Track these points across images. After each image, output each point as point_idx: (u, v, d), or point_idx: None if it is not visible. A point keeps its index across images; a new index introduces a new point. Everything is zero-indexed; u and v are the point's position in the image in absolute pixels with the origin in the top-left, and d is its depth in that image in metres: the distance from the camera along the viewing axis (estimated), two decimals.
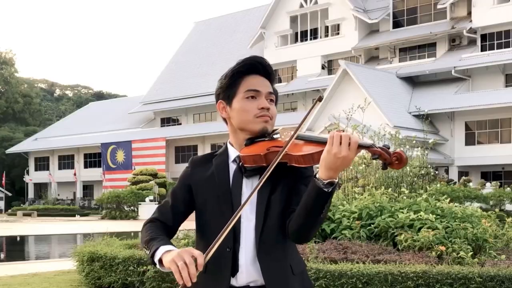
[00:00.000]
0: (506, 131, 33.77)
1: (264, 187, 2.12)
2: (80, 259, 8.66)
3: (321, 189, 1.95)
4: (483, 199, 26.35)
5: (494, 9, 36.72)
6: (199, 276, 2.21)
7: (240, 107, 2.19)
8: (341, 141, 1.93)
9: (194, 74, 52.30)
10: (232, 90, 2.22)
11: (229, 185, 2.18)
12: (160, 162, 47.06)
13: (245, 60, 2.24)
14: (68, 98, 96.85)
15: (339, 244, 7.18)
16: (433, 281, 5.78)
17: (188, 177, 2.27)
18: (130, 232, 17.36)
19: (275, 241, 2.14)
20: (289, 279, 2.16)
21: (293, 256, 2.21)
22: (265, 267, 2.13)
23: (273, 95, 2.25)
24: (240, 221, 2.14)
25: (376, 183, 9.77)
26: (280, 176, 2.14)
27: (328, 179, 1.95)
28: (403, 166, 1.95)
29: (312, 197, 1.98)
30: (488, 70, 36.11)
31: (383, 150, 1.95)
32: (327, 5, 43.60)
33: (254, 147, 2.16)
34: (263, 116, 2.18)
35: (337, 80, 34.30)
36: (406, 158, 1.94)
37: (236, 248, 2.14)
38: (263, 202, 2.14)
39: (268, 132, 2.19)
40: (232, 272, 2.14)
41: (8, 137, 64.67)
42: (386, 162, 1.95)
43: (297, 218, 2.05)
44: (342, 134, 1.94)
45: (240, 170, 2.18)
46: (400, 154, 1.94)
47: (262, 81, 2.23)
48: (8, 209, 51.77)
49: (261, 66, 2.24)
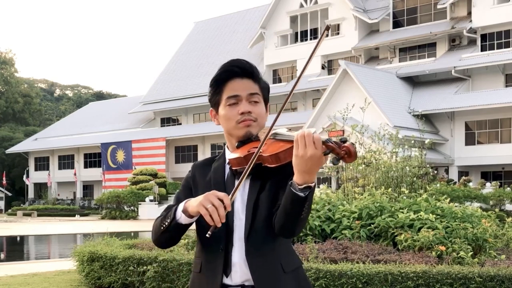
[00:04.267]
0: (506, 131, 33.77)
1: (253, 187, 2.17)
2: (80, 259, 8.67)
3: (295, 194, 1.96)
4: (483, 199, 26.34)
5: (494, 9, 36.71)
6: (196, 276, 2.25)
7: (223, 115, 2.24)
8: (305, 142, 1.93)
9: (194, 74, 52.29)
10: (216, 98, 2.28)
11: (223, 187, 2.21)
12: (160, 162, 47.07)
13: (222, 67, 2.26)
14: (68, 98, 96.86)
15: (339, 244, 7.18)
16: (433, 281, 5.78)
17: (189, 181, 2.33)
18: (130, 232, 17.38)
19: (264, 239, 2.16)
20: (280, 277, 2.16)
21: (284, 254, 2.21)
22: (253, 265, 2.14)
23: (256, 95, 2.25)
24: (233, 221, 2.17)
25: (376, 183, 9.77)
26: (269, 175, 2.17)
27: (303, 183, 1.95)
28: (354, 160, 1.91)
29: (288, 201, 1.99)
30: (488, 70, 36.10)
31: (336, 144, 1.92)
32: (327, 5, 43.59)
33: (239, 150, 2.19)
34: (244, 121, 2.21)
35: (337, 80, 34.29)
36: (354, 151, 1.90)
37: (229, 248, 2.16)
38: (251, 201, 2.17)
39: (253, 135, 2.21)
40: (225, 271, 2.16)
41: (8, 137, 64.66)
42: (338, 157, 1.92)
43: (279, 217, 2.07)
44: (305, 134, 1.93)
45: (232, 173, 2.23)
46: (348, 148, 1.89)
47: (242, 84, 2.24)
48: (8, 209, 51.78)
49: (239, 69, 2.24)
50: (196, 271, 2.26)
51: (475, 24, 37.42)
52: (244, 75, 2.25)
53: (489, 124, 34.41)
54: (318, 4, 44.11)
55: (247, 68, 2.25)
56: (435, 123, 35.33)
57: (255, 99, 2.24)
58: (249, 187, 2.18)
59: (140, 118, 55.39)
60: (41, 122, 76.27)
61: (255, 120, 2.22)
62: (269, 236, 2.16)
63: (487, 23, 36.96)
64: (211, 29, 55.86)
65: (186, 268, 7.00)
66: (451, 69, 36.17)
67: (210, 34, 55.41)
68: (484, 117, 34.20)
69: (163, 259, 7.26)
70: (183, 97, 51.19)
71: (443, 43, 39.48)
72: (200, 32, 56.92)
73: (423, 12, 41.02)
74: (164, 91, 53.71)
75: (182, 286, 6.98)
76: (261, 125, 2.24)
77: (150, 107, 53.65)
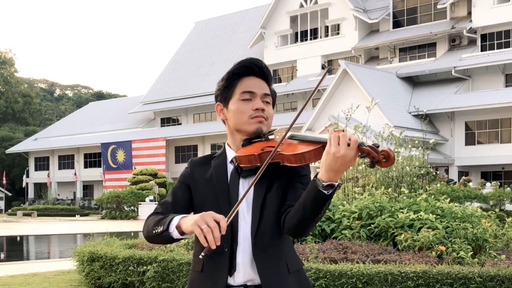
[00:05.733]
0: (506, 131, 33.76)
1: (260, 186, 2.16)
2: (80, 259, 8.66)
3: (319, 191, 1.95)
4: (483, 199, 26.35)
5: (494, 9, 36.71)
6: (196, 275, 2.23)
7: (235, 109, 2.23)
8: (339, 141, 1.93)
9: (194, 74, 52.29)
10: (228, 92, 2.26)
11: (227, 185, 2.21)
12: (160, 162, 47.08)
13: (241, 62, 2.27)
14: (68, 98, 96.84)
15: (339, 244, 7.18)
16: (433, 281, 5.78)
17: (187, 177, 2.30)
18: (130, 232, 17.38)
19: (271, 239, 2.16)
20: (285, 277, 2.17)
21: (289, 254, 2.22)
22: (261, 265, 2.14)
23: (269, 96, 2.28)
24: (238, 221, 2.17)
25: (376, 183, 9.77)
26: (276, 175, 2.17)
27: (328, 181, 1.95)
28: (391, 165, 1.94)
29: (310, 198, 1.98)
30: (488, 70, 36.10)
31: (371, 148, 1.95)
32: (327, 5, 43.59)
33: (249, 148, 2.19)
34: (258, 117, 2.21)
35: (337, 80, 34.28)
36: (393, 156, 1.93)
37: (234, 248, 2.16)
38: (258, 201, 2.17)
39: (263, 133, 2.22)
40: (229, 271, 2.16)
41: (8, 137, 64.65)
42: (374, 160, 1.94)
43: (294, 215, 2.06)
44: (341, 134, 1.95)
45: (236, 171, 2.21)
46: (388, 152, 1.93)
47: (258, 83, 2.26)
48: (8, 209, 51.77)
49: (257, 68, 2.26)
50: (197, 270, 2.23)
51: (475, 24, 37.42)
52: (260, 75, 2.27)
53: (489, 124, 34.41)
54: (318, 4, 44.10)
55: (264, 69, 2.28)
56: (435, 123, 35.33)
57: (267, 100, 2.27)
58: (255, 186, 2.16)
59: (140, 118, 55.39)
60: (41, 122, 76.26)
61: (267, 119, 2.24)
62: (276, 237, 2.17)
63: (487, 23, 36.96)
64: (211, 29, 55.86)
65: (186, 268, 7.00)
66: (451, 69, 36.17)
67: (210, 34, 55.41)
68: (484, 117, 34.20)
69: (163, 259, 7.26)
70: (183, 97, 51.19)
71: (443, 43, 39.48)
72: (200, 32, 56.93)
73: (423, 12, 41.02)
74: (164, 91, 53.72)
75: (182, 286, 6.98)
76: (269, 126, 2.26)
77: (150, 107, 53.65)
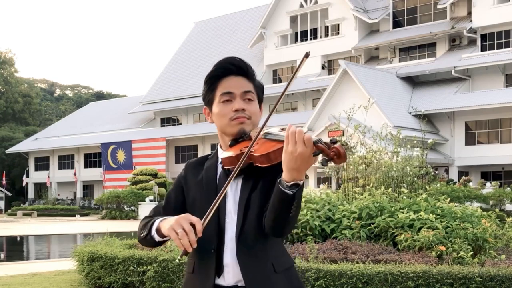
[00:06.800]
0: (506, 131, 33.77)
1: (245, 186, 2.17)
2: (80, 259, 8.67)
3: (283, 192, 1.95)
4: (483, 199, 26.37)
5: (494, 9, 36.71)
6: (189, 277, 2.26)
7: (217, 112, 2.24)
8: (296, 139, 1.91)
9: (194, 74, 52.28)
10: (210, 96, 2.28)
11: (216, 186, 2.21)
12: (160, 162, 47.08)
13: (218, 64, 2.27)
14: (68, 98, 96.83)
15: (339, 244, 7.18)
16: (433, 281, 5.78)
17: (181, 179, 2.33)
18: (130, 232, 17.37)
19: (254, 239, 2.15)
20: (271, 277, 2.15)
21: (275, 254, 2.20)
22: (244, 265, 2.13)
23: (250, 93, 2.24)
24: (225, 222, 2.17)
25: (376, 183, 9.76)
26: (260, 174, 2.16)
27: (292, 180, 1.94)
28: (343, 162, 1.90)
29: (277, 199, 1.98)
30: (488, 70, 36.10)
31: (325, 145, 1.91)
32: (327, 5, 43.59)
33: (232, 149, 2.18)
34: (238, 118, 2.20)
35: (337, 80, 34.29)
36: (344, 153, 1.88)
37: (221, 249, 2.16)
38: (243, 201, 2.16)
39: (246, 133, 2.20)
40: (217, 272, 2.16)
41: (8, 137, 64.64)
42: (327, 158, 1.90)
43: (268, 216, 2.06)
44: (296, 131, 1.92)
45: (225, 172, 2.22)
46: (338, 149, 1.88)
47: (237, 82, 2.24)
48: (8, 209, 51.77)
49: (234, 67, 2.24)
50: (189, 271, 2.27)
51: (475, 24, 37.41)
52: (238, 73, 2.25)
53: (489, 124, 34.41)
54: (318, 4, 44.10)
55: (242, 66, 2.25)
56: (435, 123, 35.33)
57: (249, 97, 2.24)
58: (241, 186, 2.17)
59: (140, 118, 55.39)
60: (41, 122, 76.25)
61: (249, 118, 2.21)
62: (260, 236, 2.15)
63: (487, 23, 36.96)
64: (211, 29, 55.86)
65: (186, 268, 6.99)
66: (451, 69, 36.17)
67: (210, 34, 55.40)
68: (484, 117, 34.20)
69: (163, 259, 7.26)
70: (183, 97, 51.19)
71: (443, 43, 39.48)
72: (200, 32, 56.93)
73: (423, 12, 41.02)
74: (164, 91, 53.71)
75: (182, 286, 6.98)
76: (255, 123, 2.23)
77: (150, 107, 53.66)
